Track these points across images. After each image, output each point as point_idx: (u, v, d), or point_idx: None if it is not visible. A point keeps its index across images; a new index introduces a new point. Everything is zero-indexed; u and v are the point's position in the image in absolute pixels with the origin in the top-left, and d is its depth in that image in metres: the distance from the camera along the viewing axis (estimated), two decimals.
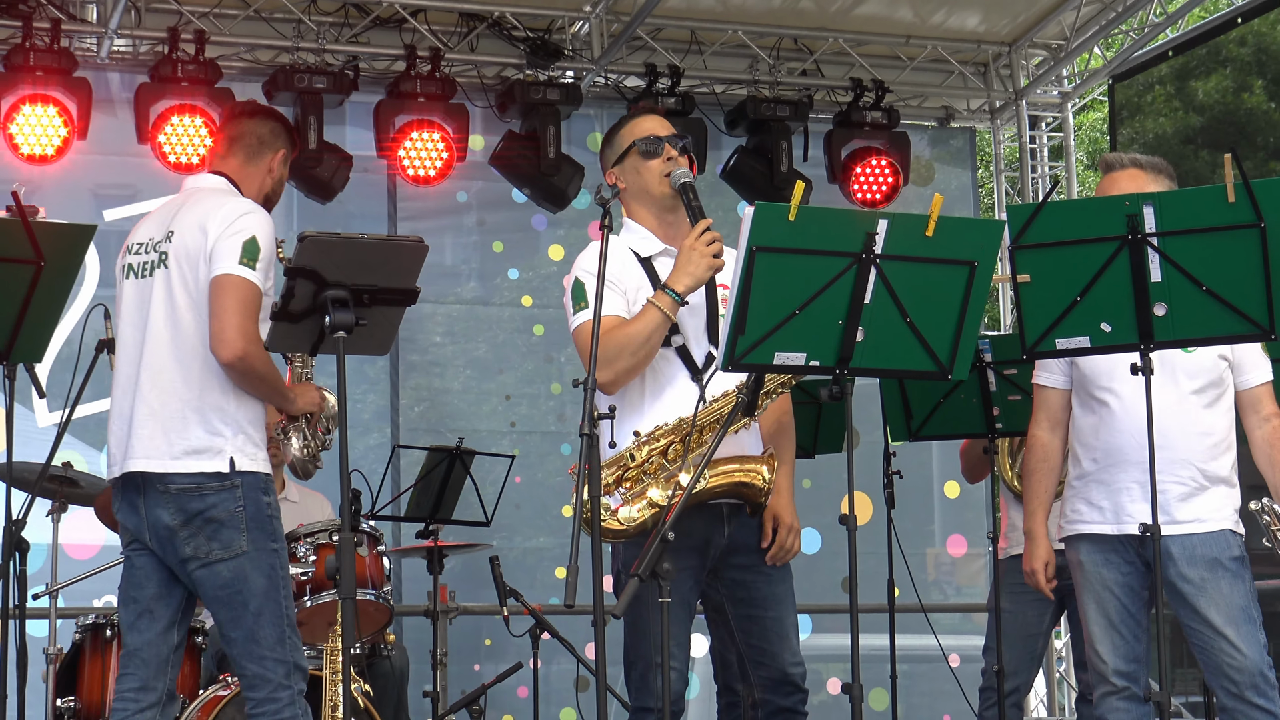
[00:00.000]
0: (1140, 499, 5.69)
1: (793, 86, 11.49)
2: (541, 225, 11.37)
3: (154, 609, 5.60)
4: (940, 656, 10.78)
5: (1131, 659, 5.75)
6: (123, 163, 10.45)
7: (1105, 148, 23.17)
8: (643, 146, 5.60)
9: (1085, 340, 5.29)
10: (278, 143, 5.89)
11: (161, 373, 5.50)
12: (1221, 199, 5.07)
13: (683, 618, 5.40)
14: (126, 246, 5.74)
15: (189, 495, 5.44)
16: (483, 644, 10.87)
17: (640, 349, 5.34)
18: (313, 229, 4.74)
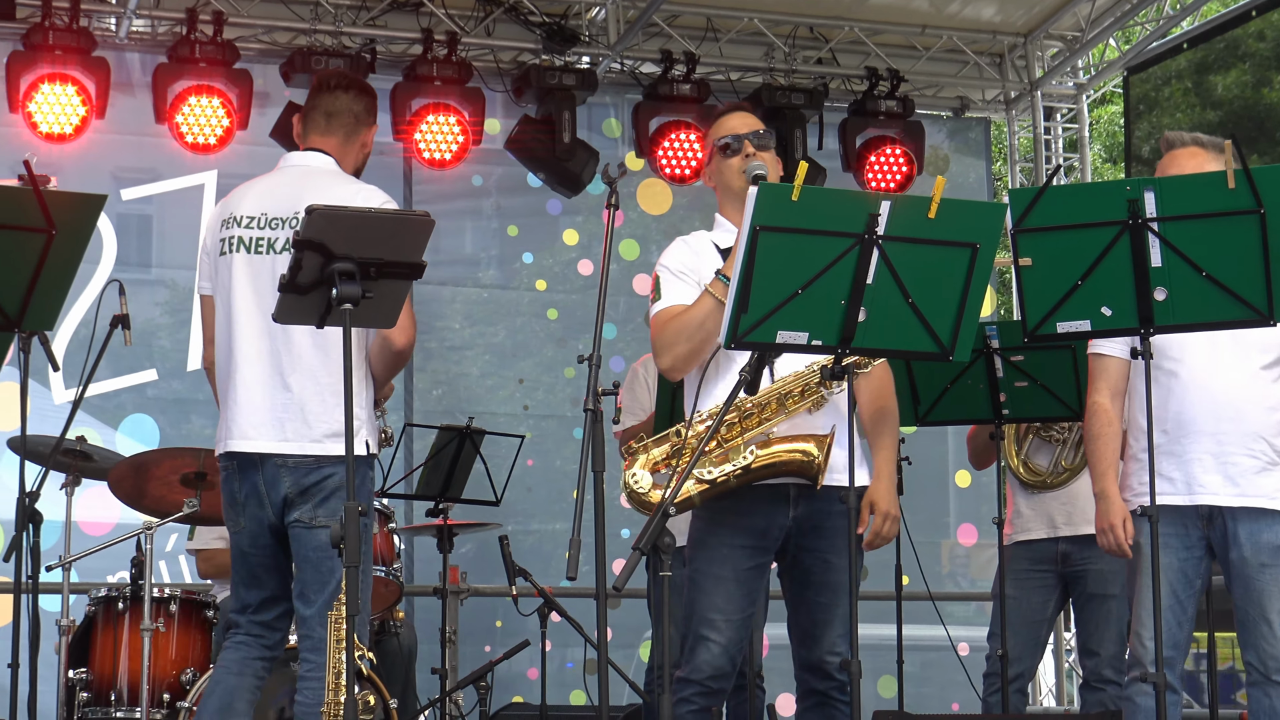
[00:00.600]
0: (1213, 469, 5.72)
1: (808, 75, 11.53)
2: (556, 210, 11.42)
3: (276, 594, 5.76)
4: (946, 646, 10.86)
5: (1171, 645, 5.70)
6: (140, 142, 10.52)
7: (1122, 141, 23.19)
8: (723, 144, 5.72)
9: (1086, 324, 5.33)
10: (370, 118, 5.99)
11: (301, 357, 5.59)
12: (1222, 185, 5.11)
13: (735, 593, 5.48)
14: (231, 218, 5.76)
15: (306, 468, 5.59)
16: (494, 626, 10.93)
17: (695, 334, 5.44)
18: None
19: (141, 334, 8.75)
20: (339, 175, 5.79)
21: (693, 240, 5.73)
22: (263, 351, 5.63)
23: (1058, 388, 7.14)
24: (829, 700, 5.57)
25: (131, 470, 7.57)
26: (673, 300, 5.58)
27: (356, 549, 4.59)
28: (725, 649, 5.47)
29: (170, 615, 7.52)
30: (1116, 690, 7.53)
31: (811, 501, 5.48)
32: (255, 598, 5.78)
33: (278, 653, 5.84)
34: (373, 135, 6.03)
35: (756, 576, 5.54)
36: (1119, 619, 7.53)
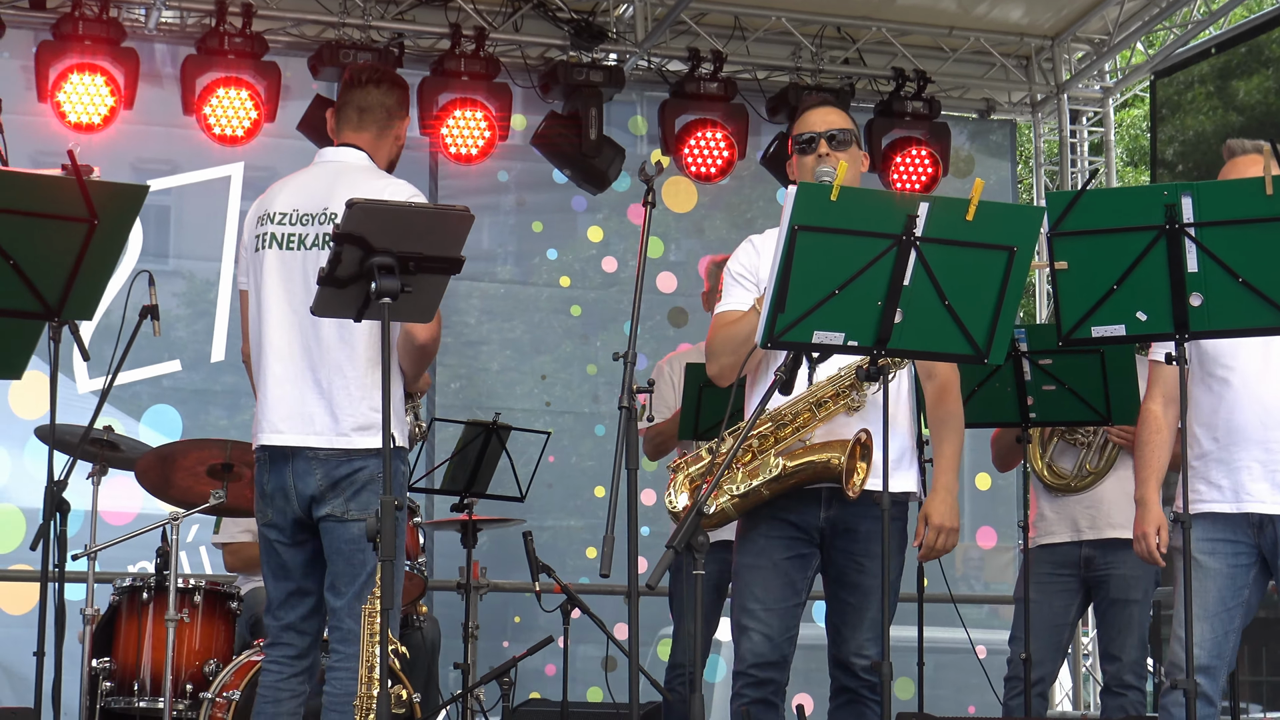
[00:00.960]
0: (1261, 478, 5.71)
1: (835, 75, 11.52)
2: (581, 207, 11.42)
3: (304, 586, 5.79)
4: (967, 648, 10.84)
5: (1214, 654, 5.69)
6: (168, 133, 10.53)
7: (1145, 145, 23.15)
8: (799, 142, 5.73)
9: (1121, 328, 5.32)
10: (402, 111, 6.00)
11: (330, 351, 5.62)
12: (1260, 191, 5.10)
13: (774, 582, 5.53)
14: (266, 214, 5.80)
15: (336, 460, 5.62)
16: (511, 621, 10.94)
17: (741, 348, 5.45)
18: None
19: (162, 325, 8.75)
20: (370, 170, 5.81)
21: (759, 239, 5.75)
22: (293, 346, 5.67)
23: (1086, 391, 7.14)
24: (859, 698, 5.61)
25: (158, 461, 7.59)
26: (730, 305, 5.63)
27: (392, 543, 4.60)
28: (767, 637, 5.51)
29: (194, 606, 7.53)
30: (1138, 696, 7.55)
31: (845, 504, 5.50)
32: (282, 591, 5.81)
33: (310, 661, 5.84)
34: (405, 128, 6.05)
35: (796, 567, 5.57)
36: (1141, 624, 7.54)
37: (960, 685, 11.32)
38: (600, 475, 11.32)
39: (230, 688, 7.23)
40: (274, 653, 5.85)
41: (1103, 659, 7.67)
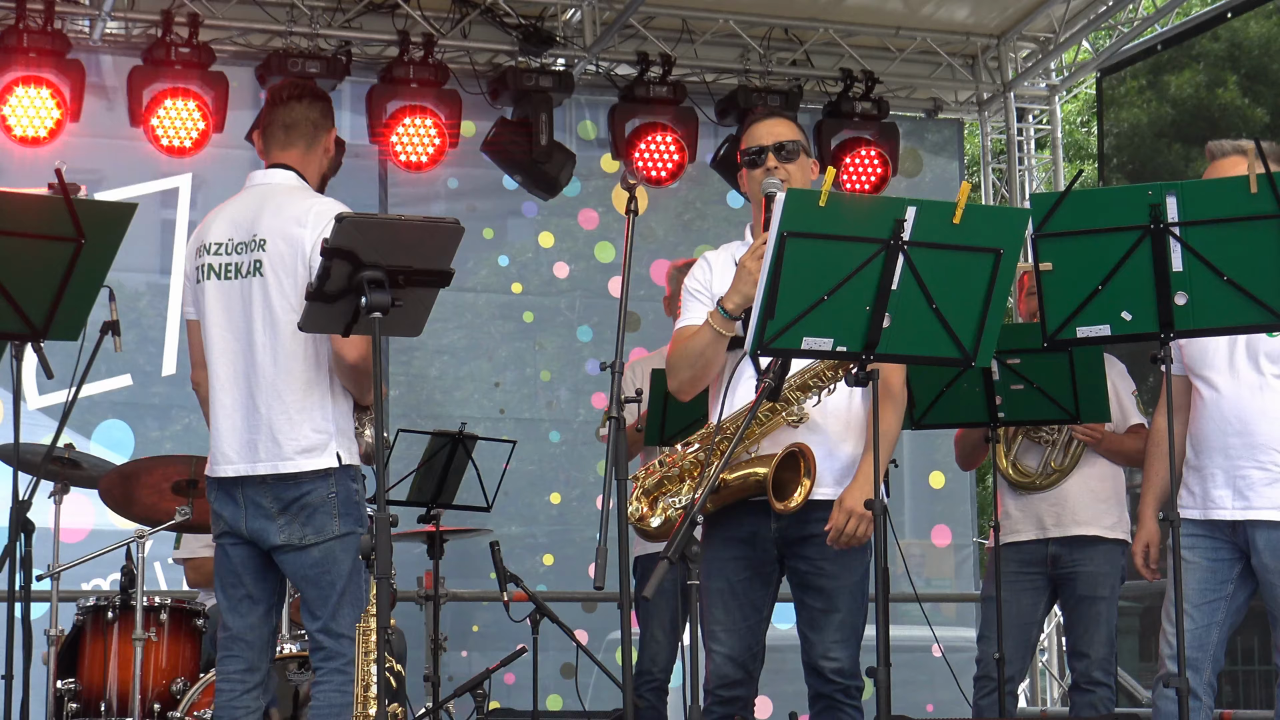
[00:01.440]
0: (1224, 485, 5.78)
1: (783, 76, 11.53)
2: (532, 212, 11.38)
3: (254, 594, 5.87)
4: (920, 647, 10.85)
5: (1196, 646, 5.77)
6: (115, 145, 10.42)
7: (1079, 140, 23.28)
8: (745, 158, 5.72)
9: (1106, 329, 5.33)
10: (328, 122, 6.00)
11: (266, 377, 5.70)
12: (1244, 189, 5.12)
13: (733, 605, 5.57)
14: (202, 246, 5.87)
15: (285, 484, 5.68)
16: (470, 630, 10.89)
17: (697, 361, 5.52)
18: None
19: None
20: (298, 190, 5.86)
21: (714, 256, 5.76)
22: (235, 375, 5.77)
23: (1054, 391, 7.15)
24: (835, 704, 5.63)
25: (121, 479, 7.53)
26: (687, 320, 5.65)
27: (388, 560, 4.56)
28: (729, 658, 5.56)
29: (160, 624, 7.45)
30: (1106, 692, 7.58)
31: (794, 514, 5.51)
32: (232, 598, 5.87)
33: (262, 675, 5.90)
34: (333, 138, 6.05)
35: (756, 584, 5.62)
36: (1108, 621, 7.56)
37: (915, 684, 11.33)
38: (554, 482, 11.28)
39: (201, 706, 7.15)
40: (224, 667, 5.90)
41: (1070, 656, 7.69)
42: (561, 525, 11.28)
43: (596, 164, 11.42)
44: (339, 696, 5.65)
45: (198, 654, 7.56)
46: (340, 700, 5.65)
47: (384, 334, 4.81)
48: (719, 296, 5.50)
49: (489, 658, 10.47)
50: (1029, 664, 8.23)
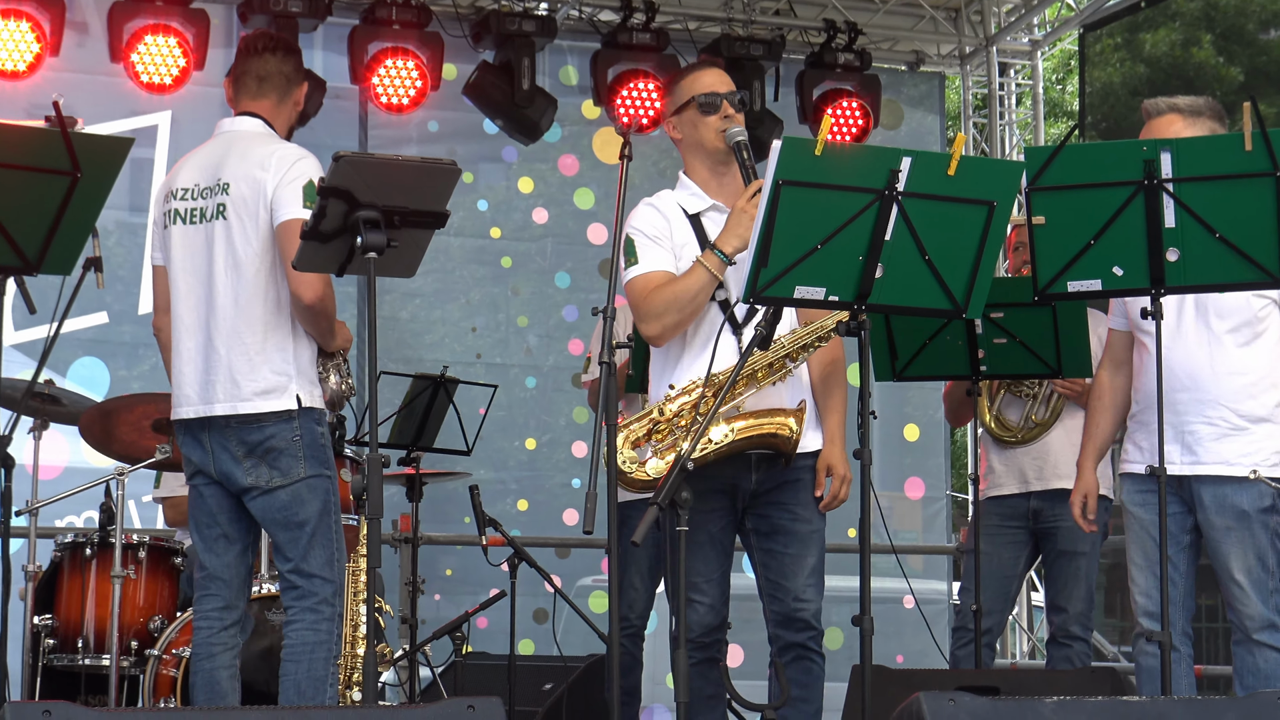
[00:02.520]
0: (1172, 440, 5.78)
1: (766, 26, 11.48)
2: (512, 157, 11.34)
3: (229, 533, 5.93)
4: (891, 598, 10.90)
5: (1160, 601, 5.80)
6: (94, 81, 10.33)
7: (1054, 96, 23.28)
8: (702, 100, 5.66)
9: (1097, 283, 5.36)
10: (300, 76, 6.05)
11: (227, 320, 5.76)
12: (1238, 147, 5.14)
13: (712, 555, 5.60)
14: (170, 192, 5.95)
15: (249, 427, 5.73)
16: (443, 574, 10.89)
17: (687, 306, 5.49)
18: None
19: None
20: (264, 137, 5.91)
21: (659, 203, 5.71)
22: (197, 319, 5.83)
23: (1037, 345, 7.17)
24: (806, 654, 5.64)
25: (101, 415, 7.49)
26: (652, 266, 5.58)
27: (379, 501, 4.55)
28: (711, 607, 5.60)
29: (139, 562, 7.43)
30: (1084, 647, 7.63)
31: (773, 466, 5.56)
32: (207, 537, 5.93)
33: (239, 613, 5.98)
34: (303, 93, 6.11)
35: (728, 534, 5.67)
36: (1088, 576, 7.60)
37: (885, 635, 11.34)
38: (530, 428, 11.28)
39: (179, 644, 7.14)
40: (202, 606, 5.97)
41: (1049, 610, 7.74)
42: (534, 471, 11.28)
43: (577, 110, 11.38)
44: (311, 635, 5.70)
45: (175, 592, 7.55)
46: (313, 638, 5.70)
47: (378, 274, 4.81)
48: (683, 244, 5.55)
49: (461, 601, 10.51)
50: (1007, 616, 8.26)
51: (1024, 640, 12.00)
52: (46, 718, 3.73)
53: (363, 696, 4.60)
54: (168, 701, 7.08)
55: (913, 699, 4.52)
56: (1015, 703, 4.54)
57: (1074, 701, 4.57)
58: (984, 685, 6.33)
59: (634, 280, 5.60)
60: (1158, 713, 4.57)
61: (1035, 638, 11.86)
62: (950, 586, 11.95)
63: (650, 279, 5.55)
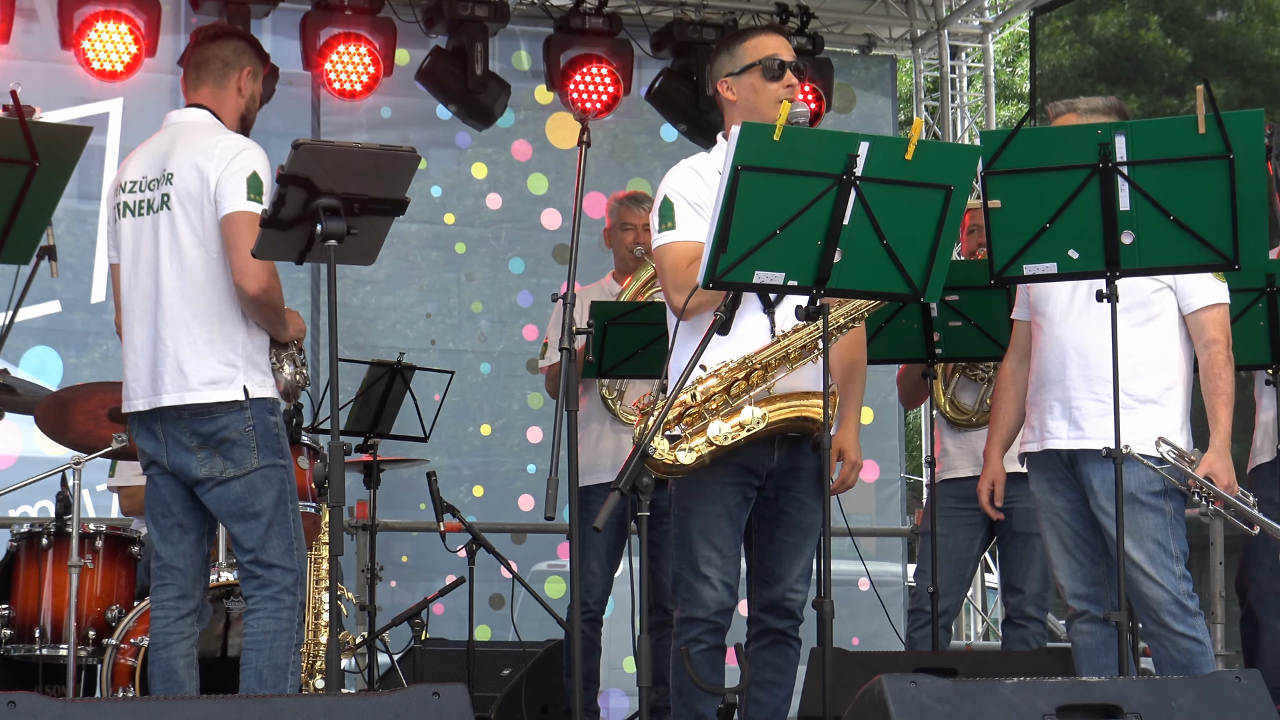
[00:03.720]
0: (1060, 415, 5.88)
1: (718, 10, 11.48)
2: (466, 143, 11.32)
3: (184, 522, 5.92)
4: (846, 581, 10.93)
5: (1090, 582, 5.93)
6: (45, 69, 10.26)
7: (1004, 79, 23.36)
8: (769, 65, 5.58)
9: (1053, 266, 5.38)
10: (241, 60, 6.01)
11: (173, 311, 5.77)
12: (1192, 130, 5.16)
13: (728, 531, 5.50)
14: (119, 185, 5.98)
15: (201, 418, 5.73)
16: (399, 561, 10.89)
17: None
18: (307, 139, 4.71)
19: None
20: (209, 127, 5.91)
21: (699, 166, 5.59)
22: (146, 311, 5.84)
23: (991, 328, 7.20)
24: (785, 639, 5.66)
25: (57, 404, 7.45)
26: (690, 235, 5.43)
27: (341, 489, 4.54)
28: (726, 585, 5.52)
29: (96, 551, 7.38)
30: (1039, 627, 7.67)
31: (793, 446, 5.53)
32: (163, 527, 5.94)
33: (196, 602, 5.98)
34: (247, 78, 6.05)
35: (743, 511, 5.57)
36: (1043, 557, 7.61)
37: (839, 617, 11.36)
38: (485, 414, 11.27)
39: (137, 633, 7.12)
40: (158, 595, 5.97)
41: (1005, 591, 7.77)
42: (488, 457, 11.28)
43: (531, 95, 11.36)
44: (273, 623, 5.71)
45: (133, 581, 7.52)
46: (274, 626, 5.71)
47: (338, 262, 4.80)
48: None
49: (417, 588, 10.51)
50: (963, 598, 8.30)
51: (979, 621, 12.06)
52: (11, 709, 3.72)
53: (326, 684, 4.59)
54: (126, 691, 7.06)
55: (874, 682, 4.54)
56: (976, 684, 4.57)
57: (1034, 683, 4.61)
58: (942, 667, 6.37)
59: (670, 246, 5.47)
60: (1117, 693, 4.60)
61: (989, 619, 11.92)
62: (905, 569, 12.00)
63: (687, 251, 5.40)
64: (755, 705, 5.61)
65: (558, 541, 11.03)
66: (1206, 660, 5.75)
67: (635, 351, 7.37)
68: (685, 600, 5.47)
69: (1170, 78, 22.39)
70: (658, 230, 5.53)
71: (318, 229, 4.73)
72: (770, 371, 5.36)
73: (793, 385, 5.42)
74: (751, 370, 5.34)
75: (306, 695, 5.24)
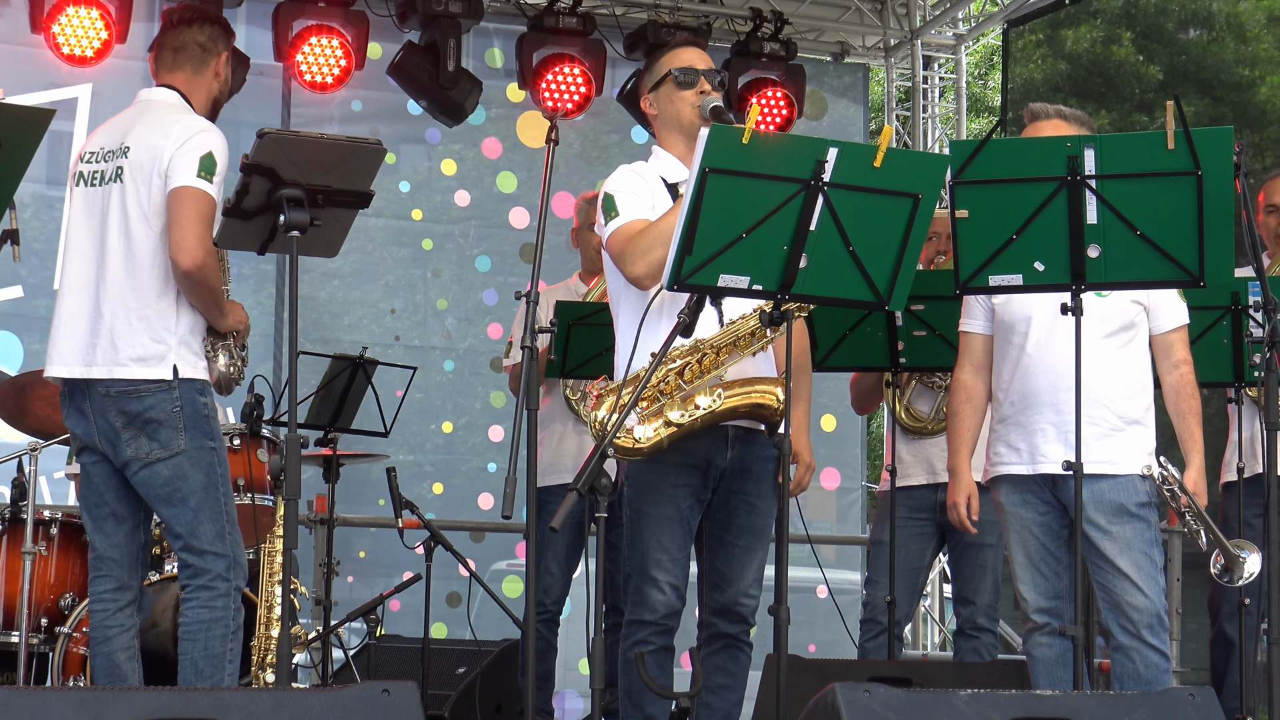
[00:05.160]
0: (1055, 439, 5.84)
1: (692, 13, 11.49)
2: (436, 139, 11.30)
3: (118, 511, 5.86)
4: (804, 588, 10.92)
5: (1053, 596, 5.93)
6: (13, 52, 10.22)
7: (976, 92, 23.40)
8: (679, 76, 5.64)
9: (1018, 278, 5.37)
10: (219, 45, 6.02)
11: (113, 283, 5.71)
12: (1161, 145, 5.16)
13: (679, 533, 5.50)
14: (79, 155, 5.94)
15: (129, 397, 5.66)
16: (357, 556, 10.86)
17: (671, 242, 5.21)
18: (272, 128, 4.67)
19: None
20: (175, 108, 5.89)
21: (638, 168, 5.66)
22: (86, 280, 5.79)
23: (955, 337, 7.16)
24: (736, 643, 5.65)
25: (15, 390, 7.42)
26: (635, 215, 5.48)
27: (297, 482, 4.51)
28: (675, 587, 5.51)
29: (50, 539, 7.35)
30: (990, 638, 7.65)
31: (748, 444, 5.51)
32: (97, 518, 5.88)
33: (134, 594, 5.92)
34: (224, 63, 6.07)
35: (695, 513, 5.57)
36: (994, 568, 7.62)
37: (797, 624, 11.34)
38: (448, 411, 11.25)
39: (88, 623, 7.07)
40: (95, 588, 5.91)
41: (957, 602, 7.75)
42: (450, 454, 11.26)
43: (502, 93, 11.35)
44: (206, 612, 5.66)
45: (86, 570, 7.45)
46: (208, 615, 5.66)
47: (301, 253, 4.77)
48: (655, 206, 5.47)
49: (374, 584, 10.48)
50: (915, 607, 8.29)
51: (935, 631, 12.06)
52: None
53: (276, 678, 4.56)
54: (77, 680, 7.03)
55: (827, 690, 4.52)
56: (930, 695, 4.56)
57: (988, 695, 4.60)
58: (897, 676, 6.35)
59: (617, 230, 5.50)
60: (1071, 706, 4.60)
61: (946, 629, 11.93)
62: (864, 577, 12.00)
63: (632, 225, 5.45)
64: (706, 710, 5.60)
65: (516, 541, 11.01)
66: (1168, 677, 5.78)
67: (599, 352, 7.33)
68: (634, 603, 5.46)
69: (1141, 94, 22.45)
70: (604, 224, 5.56)
71: (281, 219, 4.69)
72: (721, 356, 5.34)
73: (744, 371, 5.43)
74: (702, 354, 5.32)
75: (255, 689, 5.19)
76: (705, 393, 5.31)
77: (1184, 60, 22.74)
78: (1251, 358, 6.87)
